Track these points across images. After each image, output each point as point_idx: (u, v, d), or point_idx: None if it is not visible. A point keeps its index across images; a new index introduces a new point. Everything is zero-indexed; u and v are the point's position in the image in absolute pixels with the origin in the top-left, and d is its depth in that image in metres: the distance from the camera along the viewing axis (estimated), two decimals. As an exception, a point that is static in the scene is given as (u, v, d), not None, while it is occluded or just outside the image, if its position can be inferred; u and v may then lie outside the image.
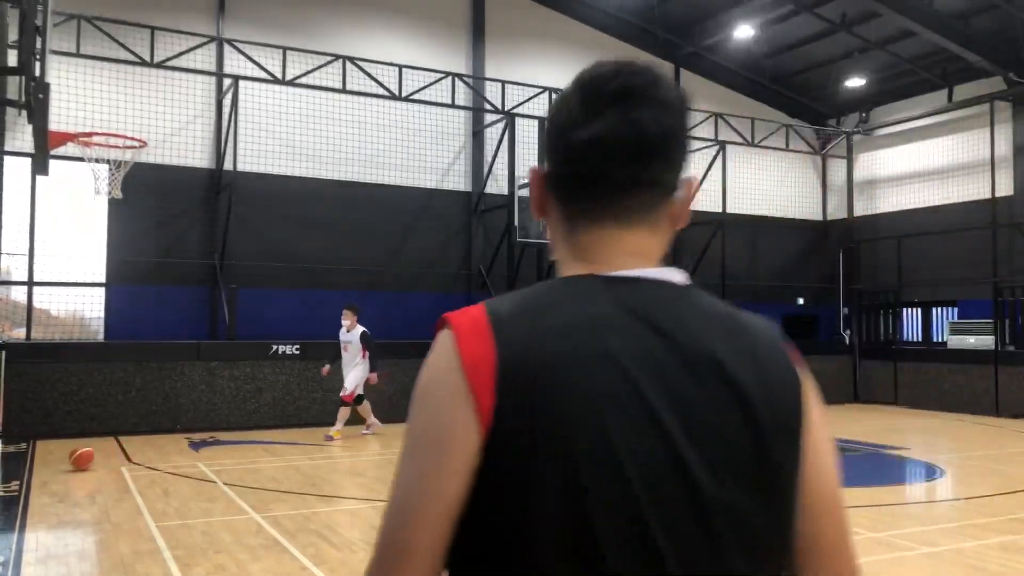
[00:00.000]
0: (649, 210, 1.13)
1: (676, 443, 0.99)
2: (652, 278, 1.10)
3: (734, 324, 1.14)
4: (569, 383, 0.98)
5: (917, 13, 15.27)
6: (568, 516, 0.96)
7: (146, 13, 13.63)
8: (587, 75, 1.14)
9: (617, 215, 1.12)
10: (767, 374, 1.08)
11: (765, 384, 1.07)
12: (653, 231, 1.15)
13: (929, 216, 18.30)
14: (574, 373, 0.99)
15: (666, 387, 1.01)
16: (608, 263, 1.11)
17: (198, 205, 14.63)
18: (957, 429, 14.22)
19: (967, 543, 6.49)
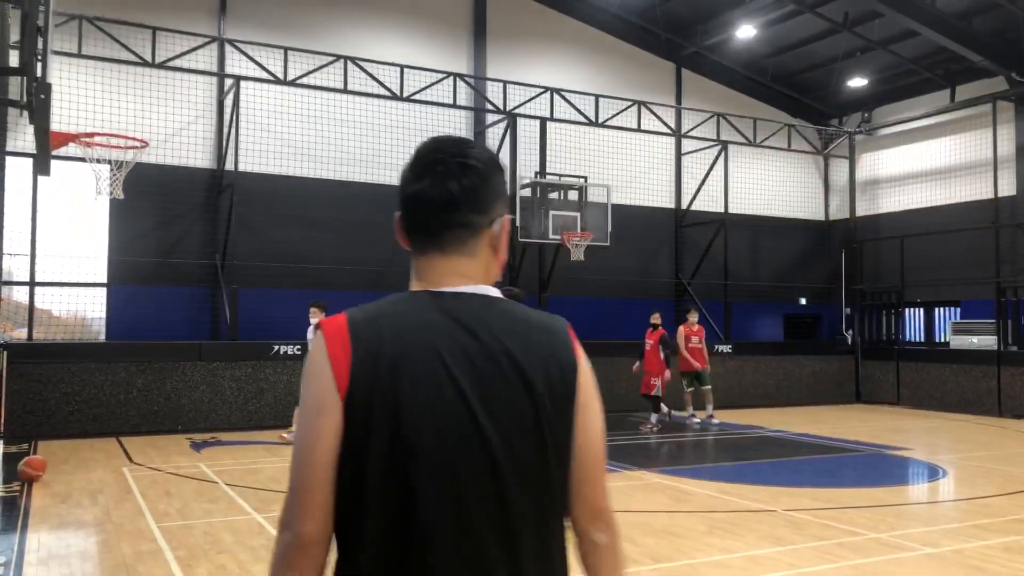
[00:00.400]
0: (463, 244, 1.54)
1: (475, 411, 1.42)
2: (469, 292, 1.52)
3: (527, 325, 1.53)
4: (401, 368, 1.41)
5: (919, 13, 15.25)
6: (394, 460, 1.39)
7: (147, 13, 13.63)
8: (419, 147, 1.59)
9: (439, 248, 1.55)
10: (549, 360, 1.49)
11: (546, 368, 1.48)
12: (471, 258, 1.55)
13: (931, 216, 18.28)
14: (405, 361, 1.42)
15: (472, 371, 1.44)
16: (436, 283, 1.54)
17: (199, 205, 14.63)
18: (959, 429, 14.19)
19: (969, 544, 6.48)
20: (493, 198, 1.57)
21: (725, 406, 16.67)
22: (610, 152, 18.02)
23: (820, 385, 18.34)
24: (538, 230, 15.40)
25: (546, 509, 1.47)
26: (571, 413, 1.49)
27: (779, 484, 9.12)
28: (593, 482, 1.53)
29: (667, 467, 10.22)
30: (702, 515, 7.47)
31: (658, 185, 18.91)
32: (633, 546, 6.37)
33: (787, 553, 6.19)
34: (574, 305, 17.14)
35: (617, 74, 18.46)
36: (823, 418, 15.50)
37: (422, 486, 1.39)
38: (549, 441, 1.46)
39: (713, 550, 6.28)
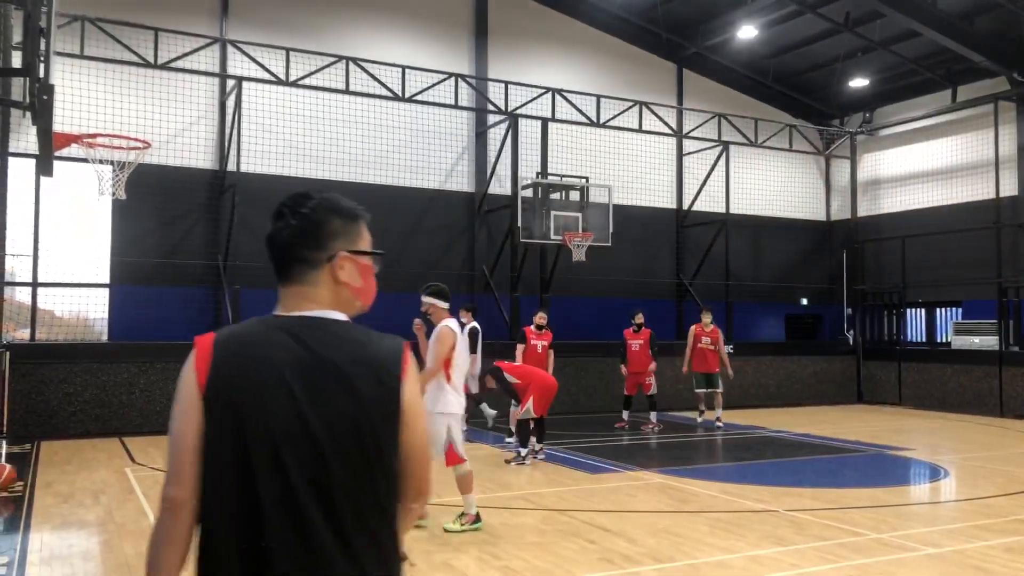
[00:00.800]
0: (304, 275, 1.90)
1: (303, 410, 1.75)
2: (311, 315, 1.88)
3: (359, 344, 1.85)
4: (245, 375, 1.78)
5: (921, 13, 15.25)
6: (238, 449, 1.73)
7: (150, 14, 13.65)
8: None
9: (287, 278, 1.93)
10: (375, 374, 1.81)
11: (371, 380, 1.80)
12: (313, 287, 1.91)
13: (933, 216, 18.27)
14: (249, 369, 1.78)
15: (303, 378, 1.77)
16: (288, 308, 1.90)
17: (202, 206, 14.65)
18: (961, 430, 14.19)
19: (971, 544, 6.48)
20: (327, 238, 1.91)
21: (727, 406, 16.64)
22: (611, 152, 18.02)
23: (821, 385, 18.34)
24: (539, 230, 15.41)
25: (371, 492, 1.77)
26: (396, 423, 1.82)
27: (781, 484, 9.12)
28: (419, 477, 1.87)
29: (669, 467, 10.23)
30: (704, 515, 7.48)
31: (659, 185, 18.92)
32: (634, 546, 6.38)
33: (789, 553, 6.20)
34: (575, 305, 17.16)
35: (618, 74, 18.46)
36: (825, 418, 15.50)
37: (259, 470, 1.72)
38: (370, 440, 1.77)
39: (714, 550, 6.29)
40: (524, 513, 7.58)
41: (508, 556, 6.11)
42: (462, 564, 5.88)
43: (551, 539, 6.62)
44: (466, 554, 6.14)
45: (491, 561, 5.97)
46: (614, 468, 10.03)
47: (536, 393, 10.07)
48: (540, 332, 12.35)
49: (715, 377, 14.07)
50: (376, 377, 1.81)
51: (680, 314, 18.78)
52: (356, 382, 1.78)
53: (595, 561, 6.00)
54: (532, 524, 7.18)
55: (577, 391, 15.47)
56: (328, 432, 1.74)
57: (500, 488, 8.70)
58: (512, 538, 6.67)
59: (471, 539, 6.59)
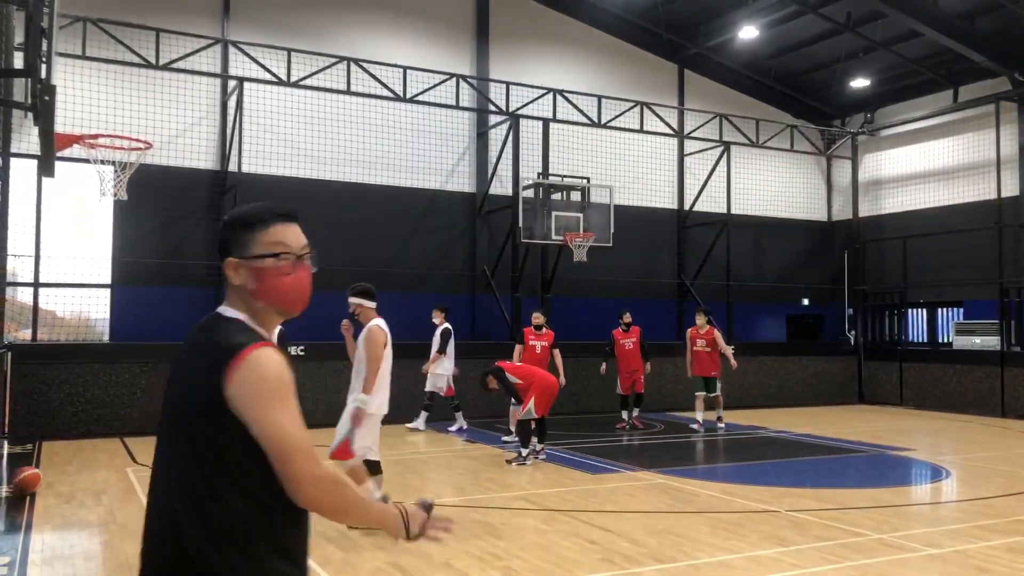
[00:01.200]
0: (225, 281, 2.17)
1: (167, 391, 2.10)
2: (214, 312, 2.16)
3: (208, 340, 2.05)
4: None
5: (922, 13, 15.25)
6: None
7: (151, 15, 13.66)
8: None
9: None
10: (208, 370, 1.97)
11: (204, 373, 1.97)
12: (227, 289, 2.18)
13: (934, 217, 18.27)
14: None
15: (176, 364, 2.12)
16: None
17: (203, 206, 14.66)
18: (962, 430, 14.18)
19: (973, 544, 6.48)
20: (223, 250, 2.15)
21: (728, 407, 16.65)
22: (613, 153, 18.03)
23: (823, 386, 18.33)
24: (541, 231, 15.41)
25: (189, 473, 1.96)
26: (216, 416, 1.94)
27: (782, 485, 9.12)
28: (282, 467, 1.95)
29: (670, 468, 10.23)
30: (705, 516, 7.48)
31: (661, 186, 18.92)
32: (636, 547, 6.38)
33: (790, 554, 6.20)
34: (576, 306, 17.16)
35: (620, 75, 18.47)
36: (826, 419, 15.49)
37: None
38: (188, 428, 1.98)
39: (716, 551, 6.29)
40: (525, 513, 7.58)
41: (509, 556, 6.11)
42: (463, 564, 5.89)
43: (552, 539, 6.62)
44: (467, 554, 6.14)
45: (492, 561, 5.97)
46: (615, 468, 10.03)
47: (537, 393, 10.08)
48: (539, 332, 12.35)
49: (713, 381, 13.72)
50: (207, 371, 1.96)
51: (681, 315, 18.76)
52: (191, 375, 2.02)
53: (596, 561, 6.00)
54: (533, 524, 7.18)
55: (578, 391, 15.46)
56: (174, 413, 2.04)
57: (501, 488, 8.70)
58: (513, 538, 6.67)
59: (471, 539, 6.59)
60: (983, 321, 17.08)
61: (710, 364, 13.71)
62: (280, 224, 2.13)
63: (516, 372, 10.40)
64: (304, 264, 2.14)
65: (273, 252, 2.10)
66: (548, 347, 12.34)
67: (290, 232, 2.14)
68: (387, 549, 6.29)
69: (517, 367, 10.68)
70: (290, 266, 2.11)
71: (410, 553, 6.19)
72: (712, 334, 13.81)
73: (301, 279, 2.14)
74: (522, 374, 10.36)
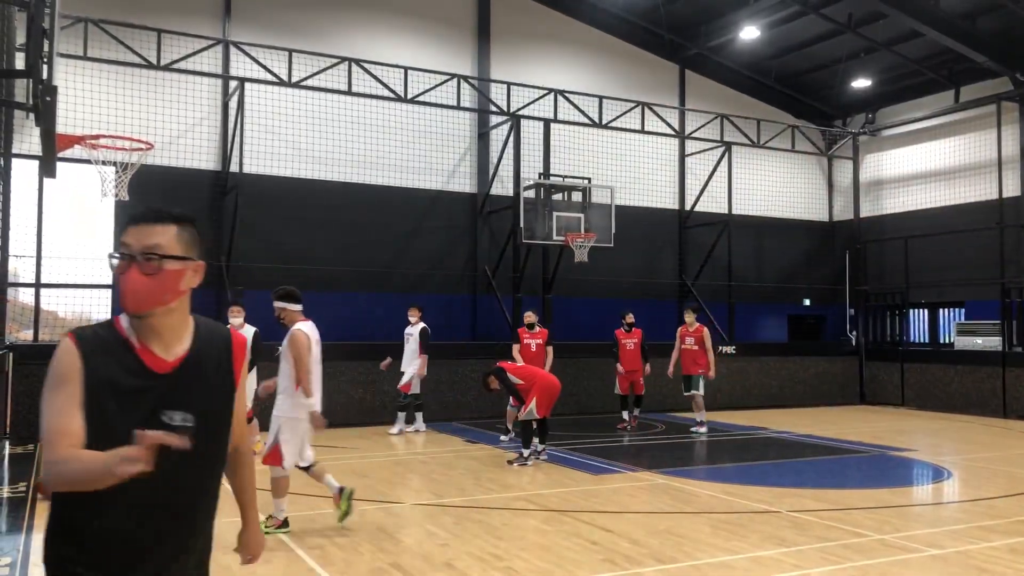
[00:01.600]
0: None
1: None
2: None
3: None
4: None
5: (923, 14, 15.24)
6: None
7: (152, 16, 13.68)
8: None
9: None
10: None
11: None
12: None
13: (936, 217, 18.26)
14: None
15: None
16: None
17: (204, 207, 14.66)
18: (964, 431, 14.17)
19: (974, 545, 6.47)
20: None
21: (729, 407, 16.68)
22: (614, 153, 18.03)
23: (824, 386, 18.32)
24: (542, 231, 15.41)
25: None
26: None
27: (783, 485, 9.12)
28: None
29: (671, 468, 10.22)
30: (706, 516, 7.47)
31: (662, 186, 18.91)
32: (637, 547, 6.38)
33: (791, 554, 6.20)
34: (577, 306, 17.16)
35: (621, 75, 18.47)
36: (827, 419, 15.48)
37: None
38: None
39: (717, 551, 6.29)
40: (526, 514, 7.58)
41: (510, 557, 6.11)
42: (464, 565, 5.89)
43: (553, 540, 6.62)
44: (468, 554, 6.14)
45: (493, 562, 5.97)
46: (616, 469, 10.03)
47: (539, 394, 10.08)
48: (532, 331, 12.42)
49: (696, 379, 13.35)
50: None
51: (682, 315, 18.76)
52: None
53: (597, 562, 6.00)
54: (534, 525, 7.18)
55: (579, 392, 15.47)
56: None
57: (502, 489, 8.71)
58: (514, 539, 6.67)
59: (472, 539, 6.59)
60: (985, 321, 17.06)
61: (692, 363, 13.34)
62: (130, 226, 2.17)
63: (517, 372, 10.40)
64: (137, 264, 2.12)
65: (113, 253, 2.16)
66: (543, 345, 12.37)
67: (133, 233, 2.15)
68: (387, 550, 6.29)
69: (518, 367, 10.69)
70: (123, 266, 2.13)
71: (411, 554, 6.19)
72: (701, 332, 13.45)
73: (128, 279, 2.12)
74: (523, 374, 10.36)
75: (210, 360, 2.25)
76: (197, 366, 2.21)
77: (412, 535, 6.76)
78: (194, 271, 2.23)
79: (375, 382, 13.71)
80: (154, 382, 2.13)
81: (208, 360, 2.25)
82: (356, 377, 13.56)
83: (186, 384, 2.18)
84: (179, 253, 2.18)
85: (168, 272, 2.15)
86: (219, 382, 2.27)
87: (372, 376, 13.70)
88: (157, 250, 2.13)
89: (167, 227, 2.17)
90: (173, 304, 2.18)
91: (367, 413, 13.52)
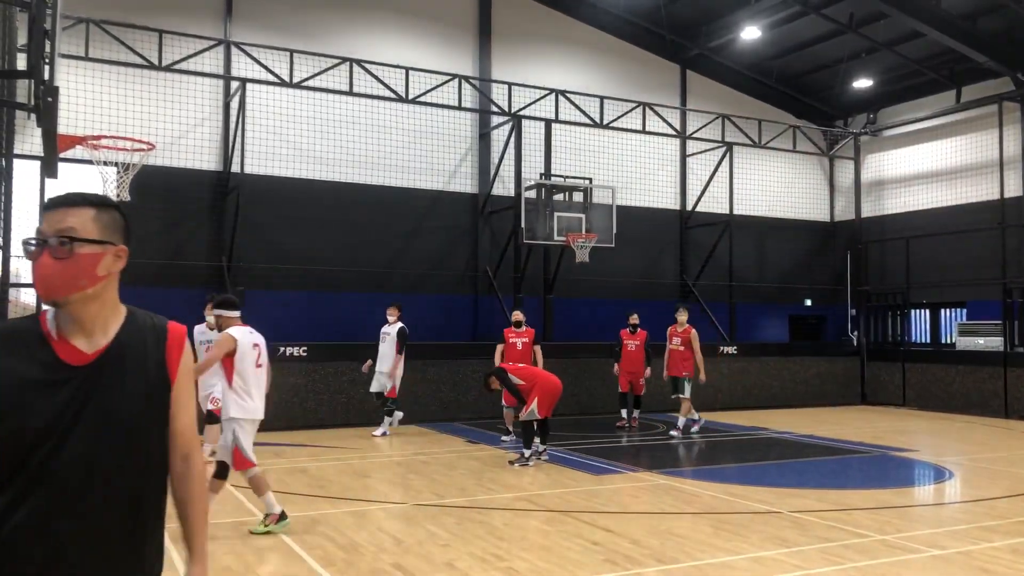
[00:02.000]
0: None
1: None
2: None
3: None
4: None
5: (925, 14, 15.23)
6: None
7: (154, 16, 13.69)
8: None
9: None
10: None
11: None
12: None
13: (937, 217, 18.25)
14: None
15: None
16: None
17: (206, 207, 14.68)
18: (966, 431, 14.16)
19: (976, 545, 6.47)
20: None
21: (730, 407, 16.67)
22: (615, 154, 18.03)
23: (825, 386, 18.31)
24: (543, 231, 15.42)
25: None
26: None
27: (784, 485, 9.11)
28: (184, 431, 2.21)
29: (672, 468, 10.22)
30: (707, 516, 7.47)
31: (663, 186, 18.92)
32: (638, 547, 6.38)
33: (792, 555, 6.19)
34: (579, 307, 17.16)
35: (622, 76, 18.47)
36: (828, 419, 15.47)
37: None
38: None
39: (718, 551, 6.29)
40: (527, 514, 7.58)
41: (511, 557, 6.11)
42: (465, 565, 5.89)
43: (554, 540, 6.62)
44: (469, 555, 6.14)
45: (494, 562, 5.97)
46: (617, 469, 10.03)
47: (540, 394, 10.08)
48: (519, 330, 12.42)
49: (681, 382, 12.98)
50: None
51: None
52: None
53: (599, 562, 6.00)
54: (535, 525, 7.18)
55: (580, 392, 15.47)
56: None
57: (504, 489, 8.71)
58: (515, 539, 6.68)
59: (474, 540, 6.59)
60: (986, 322, 17.05)
61: (680, 364, 12.96)
62: (46, 211, 2.06)
63: (519, 373, 10.40)
64: (49, 248, 2.01)
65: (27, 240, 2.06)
66: (529, 344, 12.34)
67: (47, 218, 2.04)
68: (389, 551, 6.30)
69: (520, 368, 10.68)
70: (36, 252, 2.02)
71: (412, 554, 6.19)
72: (689, 332, 13.03)
73: (39, 265, 2.02)
74: (525, 375, 10.36)
75: (136, 352, 2.08)
76: (120, 358, 2.04)
77: (413, 535, 6.76)
78: (115, 256, 2.11)
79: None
80: (68, 375, 1.97)
81: (134, 352, 2.07)
82: (357, 377, 13.54)
83: (106, 378, 2.00)
84: (95, 236, 2.05)
85: (81, 256, 2.02)
86: (148, 377, 2.07)
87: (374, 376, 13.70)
88: (70, 233, 2.01)
89: (82, 210, 2.06)
90: (90, 290, 2.03)
91: (368, 414, 13.52)
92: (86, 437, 1.95)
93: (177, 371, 2.16)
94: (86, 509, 1.95)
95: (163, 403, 2.12)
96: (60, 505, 1.92)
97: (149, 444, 2.07)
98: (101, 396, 1.98)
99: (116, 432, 1.98)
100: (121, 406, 2.01)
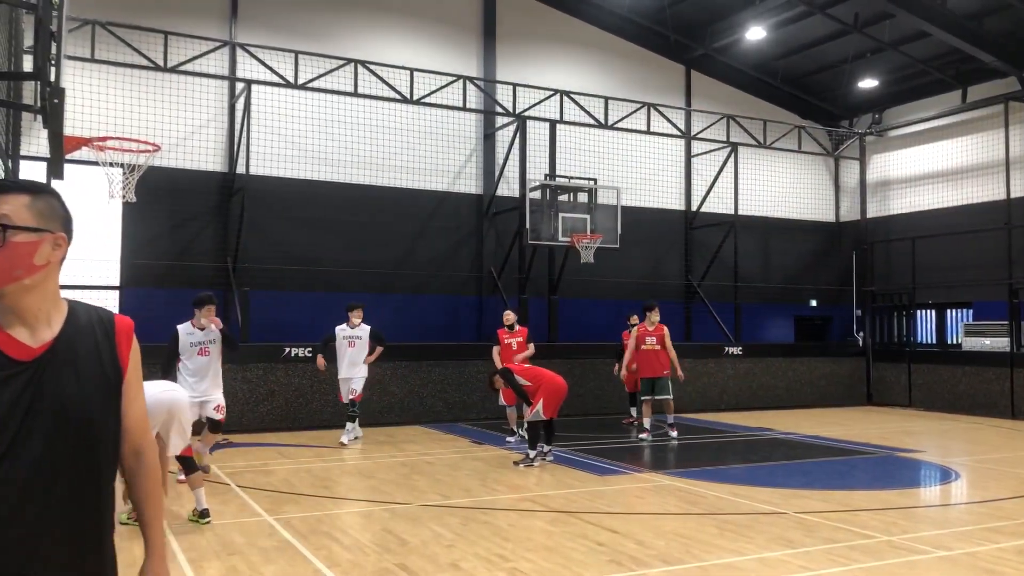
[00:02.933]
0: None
1: None
2: None
3: None
4: None
5: (930, 13, 15.20)
6: None
7: (160, 18, 13.74)
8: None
9: None
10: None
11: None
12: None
13: (943, 217, 18.21)
14: None
15: None
16: None
17: (211, 208, 14.72)
18: (972, 432, 14.12)
19: (982, 547, 6.45)
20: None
21: (735, 408, 16.65)
22: (620, 154, 18.02)
23: (831, 387, 18.27)
24: (548, 232, 15.42)
25: None
26: None
27: (790, 486, 9.10)
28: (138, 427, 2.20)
29: (677, 469, 10.21)
30: (712, 517, 7.46)
31: (668, 187, 18.90)
32: (643, 548, 6.37)
33: (798, 556, 6.18)
34: (584, 307, 17.16)
35: (626, 76, 18.46)
36: (834, 420, 15.44)
37: None
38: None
39: (723, 552, 6.28)
40: (532, 515, 7.58)
41: (516, 558, 6.11)
42: (470, 566, 5.89)
43: (559, 541, 6.62)
44: (474, 555, 6.15)
45: (499, 563, 5.97)
46: (622, 470, 10.02)
47: (546, 395, 10.08)
48: (512, 331, 12.40)
49: (662, 382, 12.51)
50: None
51: (689, 316, 18.76)
52: None
53: (604, 563, 6.00)
54: (540, 526, 7.18)
55: (585, 393, 15.46)
56: None
57: (508, 490, 8.70)
58: (520, 540, 6.67)
59: (478, 540, 6.59)
60: (992, 322, 17.00)
61: (658, 364, 12.47)
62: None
63: (524, 374, 10.40)
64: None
65: None
66: (523, 343, 12.31)
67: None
68: (393, 551, 6.30)
69: (525, 368, 10.68)
70: None
71: (417, 554, 6.19)
72: (662, 331, 12.60)
73: None
74: (530, 376, 10.36)
75: (85, 346, 2.01)
76: (68, 352, 1.97)
77: (418, 536, 6.76)
78: (54, 244, 1.99)
79: (380, 383, 13.72)
80: (15, 370, 1.89)
81: (82, 346, 2.01)
82: (362, 378, 13.55)
83: (54, 372, 1.93)
84: (31, 224, 1.94)
85: (16, 244, 1.92)
86: (98, 371, 2.02)
87: (378, 376, 13.70)
88: (3, 220, 1.92)
89: (15, 196, 1.95)
90: (27, 280, 1.94)
91: (371, 414, 13.53)
92: (41, 434, 1.88)
93: (128, 364, 2.13)
94: (45, 509, 1.89)
95: (115, 397, 2.07)
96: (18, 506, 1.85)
97: (105, 439, 2.03)
98: (54, 391, 1.92)
99: (73, 428, 1.92)
100: (77, 401, 1.95)
